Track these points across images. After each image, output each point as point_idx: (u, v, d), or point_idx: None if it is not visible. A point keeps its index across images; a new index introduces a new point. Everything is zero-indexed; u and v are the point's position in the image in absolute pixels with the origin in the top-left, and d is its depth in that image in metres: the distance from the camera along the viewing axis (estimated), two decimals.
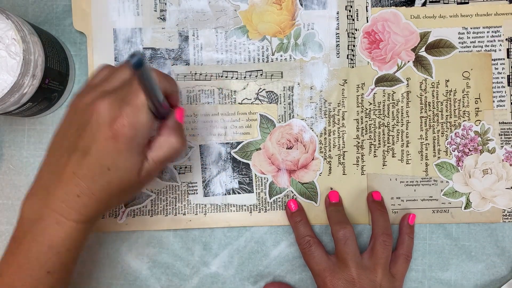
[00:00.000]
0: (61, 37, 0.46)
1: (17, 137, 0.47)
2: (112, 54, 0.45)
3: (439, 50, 0.46)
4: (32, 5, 0.47)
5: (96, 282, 0.46)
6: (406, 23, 0.46)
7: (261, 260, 0.47)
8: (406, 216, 0.45)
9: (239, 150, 0.46)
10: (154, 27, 0.46)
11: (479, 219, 0.46)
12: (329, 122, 0.46)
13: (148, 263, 0.46)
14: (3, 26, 0.38)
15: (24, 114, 0.43)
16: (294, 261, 0.47)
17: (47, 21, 0.46)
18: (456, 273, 0.46)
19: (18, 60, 0.38)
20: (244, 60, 0.46)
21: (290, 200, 0.45)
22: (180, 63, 0.46)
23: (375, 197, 0.45)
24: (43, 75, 0.40)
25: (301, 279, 0.47)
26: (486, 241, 0.46)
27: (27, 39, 0.38)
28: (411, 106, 0.46)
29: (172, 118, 0.35)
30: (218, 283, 0.47)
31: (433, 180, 0.46)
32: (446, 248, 0.46)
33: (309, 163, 0.46)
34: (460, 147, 0.46)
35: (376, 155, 0.46)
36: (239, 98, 0.46)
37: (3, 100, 0.38)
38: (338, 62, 0.46)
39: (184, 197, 0.46)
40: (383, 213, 0.44)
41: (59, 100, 0.45)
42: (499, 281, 0.46)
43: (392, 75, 0.46)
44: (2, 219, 0.47)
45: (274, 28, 0.46)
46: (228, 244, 0.47)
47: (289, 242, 0.47)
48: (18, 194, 0.46)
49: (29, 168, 0.46)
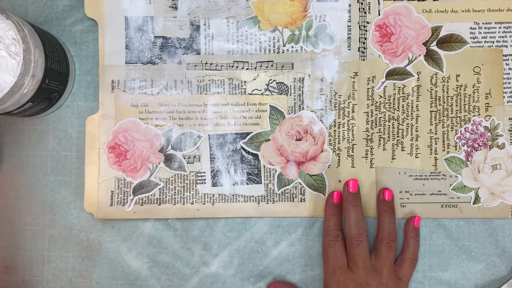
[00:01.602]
0: (61, 37, 0.46)
1: (17, 137, 0.46)
2: (123, 42, 0.45)
3: (450, 44, 0.46)
4: (32, 5, 0.46)
5: (96, 282, 0.46)
6: (418, 17, 0.46)
7: (261, 260, 0.47)
8: (411, 219, 0.45)
9: (248, 140, 0.46)
10: (166, 15, 0.46)
11: (487, 214, 0.46)
12: (339, 114, 0.46)
13: (148, 263, 0.46)
14: (3, 26, 0.38)
15: (24, 114, 0.43)
16: (294, 261, 0.47)
17: (47, 21, 0.46)
18: (456, 273, 0.46)
19: (18, 60, 0.38)
20: (255, 51, 0.46)
21: (336, 192, 0.45)
22: (191, 52, 0.46)
23: (386, 196, 0.45)
24: (43, 75, 0.40)
25: (301, 279, 0.46)
26: (486, 241, 0.46)
27: (27, 39, 0.38)
28: (421, 100, 0.46)
29: None
30: (218, 283, 0.46)
31: (442, 174, 0.46)
32: (446, 248, 0.46)
33: (318, 155, 0.46)
34: (469, 142, 0.46)
35: (385, 149, 0.46)
36: (249, 88, 0.46)
37: (3, 100, 0.38)
38: (349, 55, 0.46)
39: (192, 186, 0.46)
40: (390, 215, 0.44)
41: (59, 100, 0.45)
42: (499, 281, 0.46)
43: (403, 69, 0.46)
44: (2, 219, 0.46)
45: (286, 19, 0.46)
46: (228, 244, 0.47)
47: (289, 242, 0.47)
48: (18, 194, 0.46)
49: (29, 168, 0.46)
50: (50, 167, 0.46)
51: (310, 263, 0.46)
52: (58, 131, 0.47)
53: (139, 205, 0.45)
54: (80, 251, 0.46)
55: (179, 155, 0.46)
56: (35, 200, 0.46)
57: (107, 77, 0.45)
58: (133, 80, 0.46)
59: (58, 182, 0.46)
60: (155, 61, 0.46)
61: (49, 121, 0.47)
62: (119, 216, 0.45)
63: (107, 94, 0.45)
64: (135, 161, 0.45)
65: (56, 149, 0.46)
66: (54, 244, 0.46)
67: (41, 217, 0.46)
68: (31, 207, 0.46)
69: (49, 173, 0.46)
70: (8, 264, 0.46)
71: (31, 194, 0.46)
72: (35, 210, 0.46)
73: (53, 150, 0.47)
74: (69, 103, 0.47)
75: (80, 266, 0.46)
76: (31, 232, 0.46)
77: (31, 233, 0.46)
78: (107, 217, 0.45)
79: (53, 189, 0.46)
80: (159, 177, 0.46)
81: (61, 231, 0.46)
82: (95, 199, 0.45)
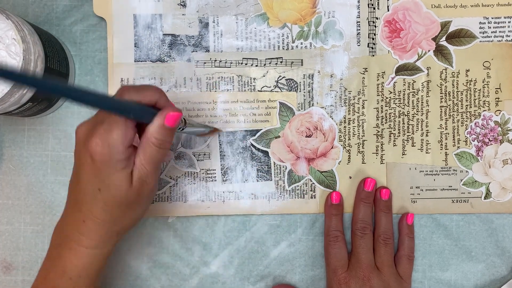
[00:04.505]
0: (61, 37, 0.46)
1: (17, 137, 0.46)
2: (132, 40, 0.45)
3: (459, 39, 0.46)
4: (32, 5, 0.46)
5: None
6: (427, 12, 0.45)
7: (261, 260, 0.46)
8: (404, 216, 0.45)
9: (258, 137, 0.46)
10: (175, 13, 0.45)
11: (499, 209, 0.45)
12: (349, 110, 0.46)
13: (148, 263, 0.46)
14: (3, 26, 0.38)
15: (24, 114, 0.43)
16: (294, 261, 0.46)
17: (47, 21, 0.46)
18: (456, 273, 0.46)
19: (18, 60, 0.38)
20: (264, 48, 0.46)
21: (335, 192, 0.45)
22: (200, 49, 0.46)
23: (383, 195, 0.45)
24: (43, 75, 0.40)
25: (301, 279, 0.46)
26: (486, 241, 0.46)
27: (27, 39, 0.38)
28: (431, 96, 0.46)
29: (155, 120, 0.34)
30: (218, 283, 0.46)
31: (453, 169, 0.46)
32: (446, 248, 0.46)
33: (328, 151, 0.46)
34: (480, 137, 0.46)
35: (396, 144, 0.46)
36: (259, 85, 0.46)
37: (3, 100, 0.38)
38: (358, 51, 0.46)
39: (203, 184, 0.46)
40: (387, 214, 0.44)
41: (59, 100, 0.45)
42: (499, 281, 0.46)
43: (413, 64, 0.46)
44: (2, 219, 0.46)
45: (295, 16, 0.45)
46: (228, 244, 0.46)
47: (289, 242, 0.46)
48: (18, 194, 0.46)
49: (29, 168, 0.46)
50: (50, 167, 0.46)
51: (310, 263, 0.46)
52: (58, 131, 0.46)
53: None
54: None
55: (189, 153, 0.46)
56: (35, 200, 0.46)
57: (116, 75, 0.45)
58: (142, 78, 0.45)
59: (58, 182, 0.46)
60: (164, 59, 0.46)
61: (49, 121, 0.46)
62: None
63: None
64: None
65: (56, 149, 0.46)
66: None
67: (41, 217, 0.46)
68: (31, 207, 0.46)
69: (49, 173, 0.46)
70: (8, 264, 0.46)
71: (31, 194, 0.46)
72: (35, 210, 0.46)
73: (53, 150, 0.46)
74: (69, 103, 0.47)
75: None
76: (31, 232, 0.46)
77: (31, 233, 0.46)
78: None
79: (53, 189, 0.46)
80: (170, 175, 0.46)
81: None
82: None
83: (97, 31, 0.46)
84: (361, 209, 0.44)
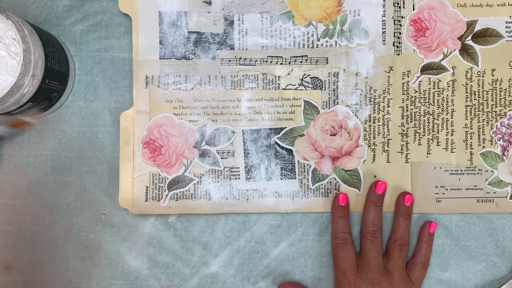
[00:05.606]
0: (61, 37, 0.46)
1: (17, 137, 0.46)
2: (157, 37, 0.45)
3: (485, 39, 0.45)
4: (32, 5, 0.46)
5: (96, 282, 0.46)
6: (452, 11, 0.45)
7: (261, 260, 0.46)
8: (427, 224, 0.45)
9: (282, 136, 0.46)
10: (200, 10, 0.45)
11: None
12: (374, 109, 0.46)
13: (148, 263, 0.46)
14: (3, 26, 0.38)
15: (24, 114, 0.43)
16: (294, 261, 0.46)
17: (47, 21, 0.46)
18: (456, 273, 0.46)
19: (18, 60, 0.37)
20: (289, 46, 0.46)
21: (342, 194, 0.44)
22: (224, 47, 0.46)
23: (406, 201, 0.44)
24: (43, 75, 0.40)
25: (301, 279, 0.46)
26: (486, 241, 0.46)
27: (27, 39, 0.38)
28: (456, 95, 0.46)
29: None
30: (218, 283, 0.46)
31: (478, 169, 0.45)
32: (446, 248, 0.46)
33: (353, 150, 0.46)
34: (505, 136, 0.45)
35: (421, 143, 0.46)
36: (283, 83, 0.46)
37: (3, 100, 0.38)
38: (384, 49, 0.45)
39: (227, 182, 0.46)
40: (406, 220, 0.44)
41: (59, 100, 0.45)
42: (499, 281, 0.46)
43: (438, 63, 0.45)
44: (2, 219, 0.46)
45: (320, 14, 0.45)
46: (228, 244, 0.46)
47: (289, 242, 0.46)
48: (18, 194, 0.46)
49: (29, 168, 0.46)
50: (50, 167, 0.46)
51: (310, 263, 0.46)
52: (58, 131, 0.46)
53: (174, 200, 0.45)
54: (80, 251, 0.46)
55: (213, 151, 0.46)
56: (35, 200, 0.46)
57: (141, 72, 0.45)
58: (167, 75, 0.45)
59: (58, 182, 0.46)
60: (189, 57, 0.46)
61: (49, 121, 0.46)
62: (155, 211, 0.45)
63: (141, 89, 0.45)
64: (170, 156, 0.45)
65: (56, 149, 0.46)
66: (54, 244, 0.46)
67: (41, 217, 0.46)
68: (31, 207, 0.46)
69: (49, 173, 0.46)
70: (8, 264, 0.46)
71: (31, 194, 0.46)
72: (35, 210, 0.46)
73: (53, 150, 0.46)
74: (69, 103, 0.46)
75: (80, 266, 0.46)
76: (31, 232, 0.46)
77: (31, 233, 0.46)
78: (142, 212, 0.45)
79: (53, 189, 0.46)
80: (194, 172, 0.45)
81: (61, 231, 0.46)
82: (130, 194, 0.45)
83: (97, 31, 0.46)
84: (371, 212, 0.44)
